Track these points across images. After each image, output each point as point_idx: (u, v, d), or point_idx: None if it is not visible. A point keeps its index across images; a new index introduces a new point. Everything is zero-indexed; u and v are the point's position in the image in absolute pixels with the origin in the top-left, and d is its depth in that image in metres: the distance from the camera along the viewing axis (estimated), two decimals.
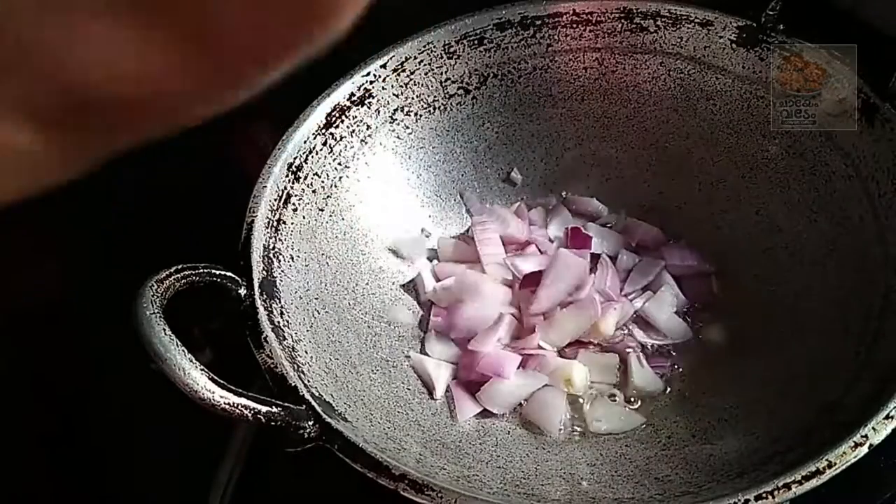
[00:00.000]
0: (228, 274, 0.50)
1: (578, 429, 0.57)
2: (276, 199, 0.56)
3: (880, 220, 0.55)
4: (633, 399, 0.58)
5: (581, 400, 0.58)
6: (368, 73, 0.63)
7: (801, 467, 0.42)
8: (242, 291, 0.50)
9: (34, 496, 0.59)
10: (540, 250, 0.66)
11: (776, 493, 0.41)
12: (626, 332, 0.62)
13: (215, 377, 0.43)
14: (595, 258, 0.64)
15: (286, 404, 0.45)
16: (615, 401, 0.58)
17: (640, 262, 0.65)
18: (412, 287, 0.65)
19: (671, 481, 0.50)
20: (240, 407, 0.43)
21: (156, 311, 0.44)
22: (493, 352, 0.58)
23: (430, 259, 0.67)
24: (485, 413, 0.57)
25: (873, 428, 0.43)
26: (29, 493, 0.59)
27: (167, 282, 0.46)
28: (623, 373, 0.60)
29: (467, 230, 0.69)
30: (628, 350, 0.60)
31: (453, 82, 0.66)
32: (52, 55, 0.18)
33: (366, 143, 0.63)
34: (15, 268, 0.68)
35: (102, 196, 0.74)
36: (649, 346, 0.61)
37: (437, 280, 0.65)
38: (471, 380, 0.59)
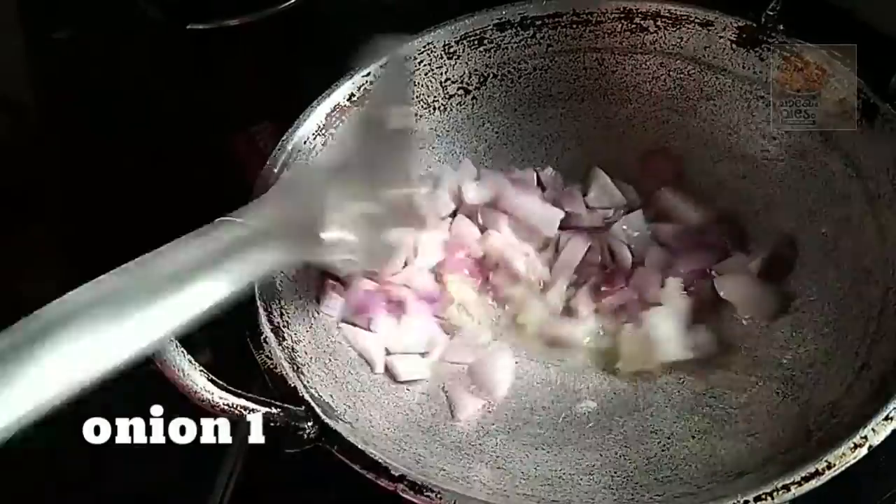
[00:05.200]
0: None
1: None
2: None
3: (880, 220, 0.55)
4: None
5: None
6: (368, 73, 0.62)
7: (801, 468, 0.42)
8: None
9: (35, 495, 0.59)
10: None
11: (776, 493, 0.41)
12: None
13: (215, 378, 0.43)
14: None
15: (285, 405, 0.45)
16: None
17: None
18: None
19: (671, 481, 0.50)
20: (239, 408, 0.43)
21: None
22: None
23: None
24: (485, 411, 0.57)
25: (873, 429, 0.43)
26: (30, 492, 0.59)
27: None
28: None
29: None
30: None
31: (453, 82, 0.66)
32: None
33: None
34: (16, 269, 0.69)
35: (103, 196, 0.74)
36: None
37: None
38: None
